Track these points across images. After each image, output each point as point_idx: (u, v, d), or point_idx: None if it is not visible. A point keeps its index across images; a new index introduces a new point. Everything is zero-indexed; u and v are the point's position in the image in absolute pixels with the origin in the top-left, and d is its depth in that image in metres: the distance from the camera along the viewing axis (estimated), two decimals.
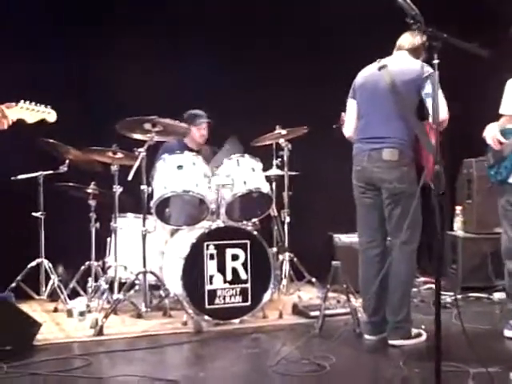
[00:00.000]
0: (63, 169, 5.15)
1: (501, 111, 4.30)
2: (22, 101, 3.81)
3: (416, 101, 3.98)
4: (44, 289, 5.32)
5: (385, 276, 4.01)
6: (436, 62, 2.77)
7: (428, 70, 3.93)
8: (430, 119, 3.89)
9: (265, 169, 5.22)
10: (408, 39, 4.14)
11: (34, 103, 3.85)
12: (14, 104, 3.77)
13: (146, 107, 5.08)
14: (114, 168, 4.96)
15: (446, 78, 2.93)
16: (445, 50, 2.76)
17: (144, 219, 4.70)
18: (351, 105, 4.26)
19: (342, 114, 4.34)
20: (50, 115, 3.94)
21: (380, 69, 4.08)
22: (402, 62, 4.10)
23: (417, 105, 3.99)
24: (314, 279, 5.55)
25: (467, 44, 2.80)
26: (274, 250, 5.52)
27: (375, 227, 4.17)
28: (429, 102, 3.88)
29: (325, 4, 6.06)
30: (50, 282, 5.23)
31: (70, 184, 5.22)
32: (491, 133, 4.24)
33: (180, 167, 4.82)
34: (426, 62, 3.31)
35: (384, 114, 4.05)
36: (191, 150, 5.47)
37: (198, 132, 5.64)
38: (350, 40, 6.09)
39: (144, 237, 4.68)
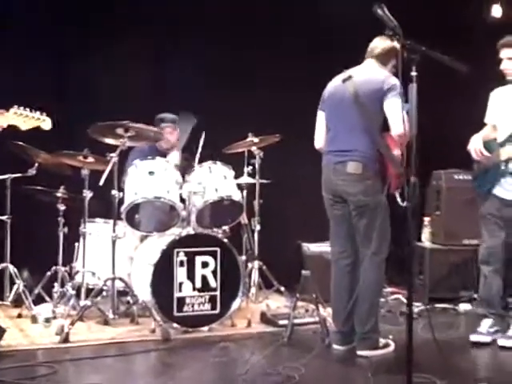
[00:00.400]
0: (32, 172, 5.04)
1: (485, 120, 4.46)
2: (16, 106, 3.62)
3: (380, 112, 3.98)
4: (8, 294, 5.21)
5: (355, 286, 4.05)
6: (414, 74, 2.80)
7: (391, 81, 3.96)
8: (392, 132, 3.93)
9: (236, 176, 5.20)
10: (377, 44, 4.13)
11: (28, 109, 3.66)
12: (4, 110, 3.60)
13: (122, 110, 5.03)
14: (85, 172, 4.87)
15: (419, 91, 2.95)
16: (421, 62, 2.79)
17: (114, 225, 4.65)
18: (320, 116, 4.27)
19: None
20: (45, 123, 3.71)
21: (344, 80, 4.10)
22: (367, 72, 4.11)
23: (382, 116, 3.99)
24: (282, 288, 5.55)
25: (446, 58, 2.83)
26: (243, 257, 5.51)
27: (345, 238, 4.19)
28: (389, 114, 3.92)
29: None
30: (15, 287, 5.11)
31: (39, 187, 5.14)
32: (475, 145, 4.33)
33: (151, 173, 4.77)
34: (403, 73, 3.33)
35: (349, 127, 4.06)
36: (161, 153, 5.42)
37: (163, 135, 5.53)
38: (326, 46, 6.17)
39: (114, 242, 4.63)
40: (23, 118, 3.63)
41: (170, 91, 5.95)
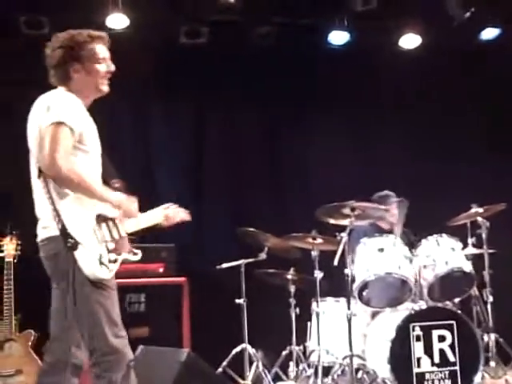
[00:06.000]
0: (263, 256, 5.34)
1: None
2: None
3: None
4: (248, 373, 5.46)
5: None
6: None
7: None
8: None
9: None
10: None
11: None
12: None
13: (336, 193, 5.25)
14: (314, 253, 5.07)
15: None
16: None
17: (349, 303, 4.73)
18: None
19: None
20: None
21: None
22: None
23: None
24: None
25: None
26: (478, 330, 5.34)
27: None
28: None
29: None
30: (253, 367, 5.36)
31: (270, 271, 5.41)
32: None
33: (381, 250, 4.88)
34: None
35: None
36: (384, 231, 5.51)
37: (390, 212, 5.65)
38: None
39: (349, 320, 4.69)
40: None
41: (360, 175, 6.27)
